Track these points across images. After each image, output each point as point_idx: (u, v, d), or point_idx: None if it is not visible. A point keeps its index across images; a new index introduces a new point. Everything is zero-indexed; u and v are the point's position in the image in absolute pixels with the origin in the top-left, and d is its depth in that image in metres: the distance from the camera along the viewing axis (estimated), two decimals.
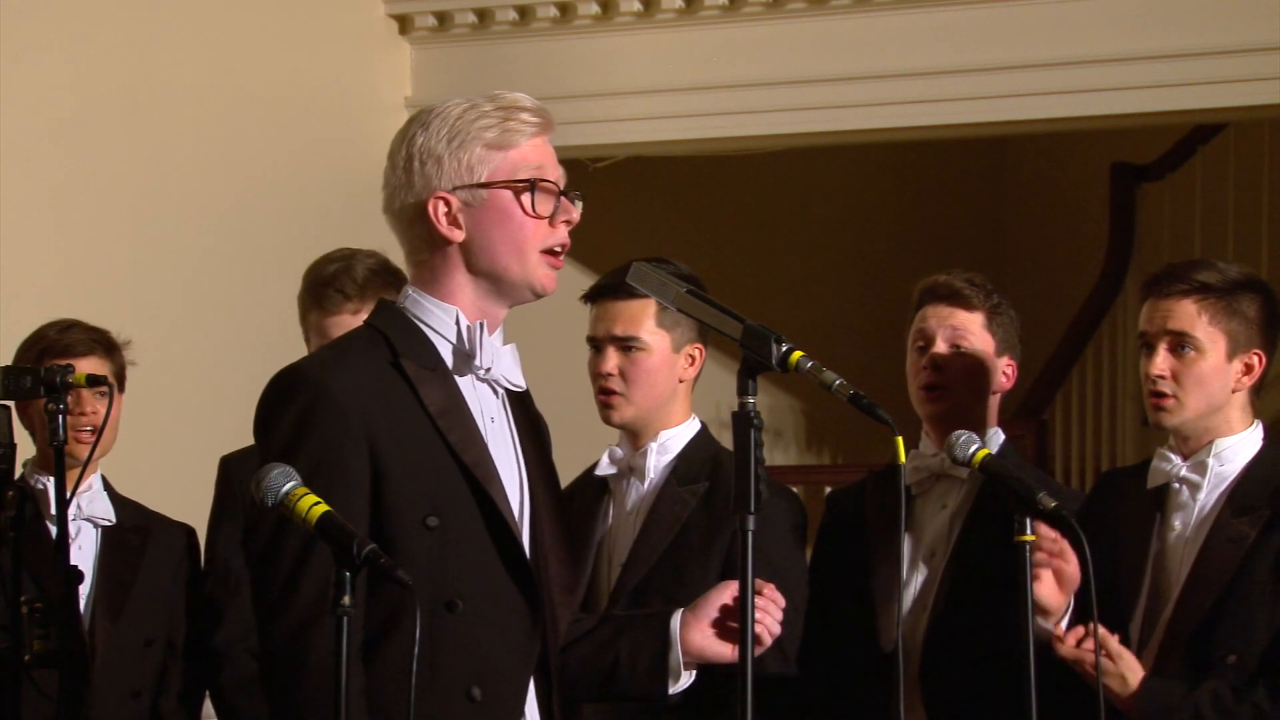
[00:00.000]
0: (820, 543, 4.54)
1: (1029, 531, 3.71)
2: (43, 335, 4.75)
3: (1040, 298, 9.47)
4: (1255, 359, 4.10)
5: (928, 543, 4.33)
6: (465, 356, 3.21)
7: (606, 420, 4.34)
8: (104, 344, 4.77)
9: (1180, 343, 4.08)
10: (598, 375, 4.31)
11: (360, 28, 7.50)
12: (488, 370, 3.23)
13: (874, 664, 4.21)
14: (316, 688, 2.98)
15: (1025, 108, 6.96)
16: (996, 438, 4.38)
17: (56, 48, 6.43)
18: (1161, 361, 4.09)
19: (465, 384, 3.22)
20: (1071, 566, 3.91)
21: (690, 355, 4.33)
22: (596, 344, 4.33)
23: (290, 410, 3.12)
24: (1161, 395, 4.10)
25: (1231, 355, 4.09)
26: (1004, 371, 4.40)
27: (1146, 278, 4.22)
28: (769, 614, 3.26)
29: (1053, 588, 3.94)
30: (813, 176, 9.41)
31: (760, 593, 3.23)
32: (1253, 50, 6.53)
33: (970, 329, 4.36)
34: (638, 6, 7.33)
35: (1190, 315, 4.07)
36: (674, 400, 4.33)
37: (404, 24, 7.61)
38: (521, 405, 3.33)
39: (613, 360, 4.29)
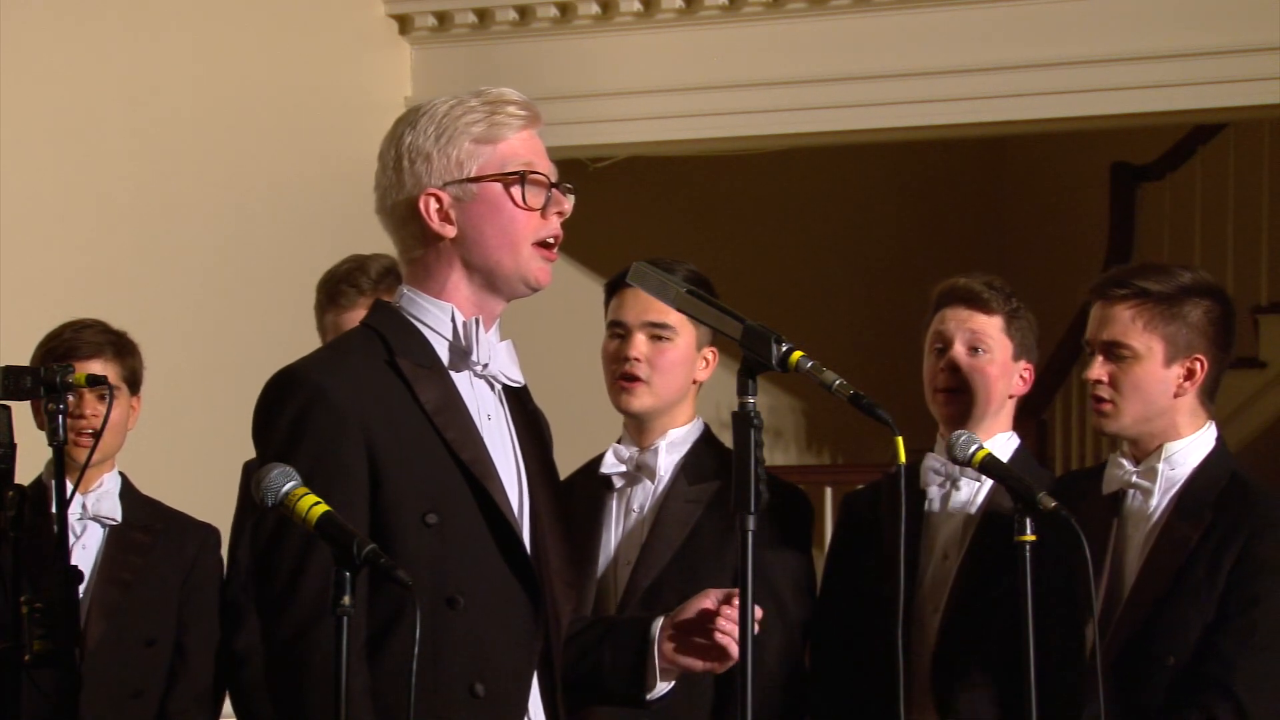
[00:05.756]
0: (836, 545, 4.54)
1: (1029, 531, 3.71)
2: (56, 334, 4.73)
3: (1040, 298, 9.42)
4: (1197, 364, 4.08)
5: (941, 545, 4.32)
6: (462, 353, 3.21)
7: (624, 407, 4.30)
8: (115, 346, 4.73)
9: (1116, 349, 4.08)
10: (622, 359, 4.27)
11: (360, 28, 7.49)
12: (485, 366, 3.23)
13: (888, 666, 4.20)
14: (319, 687, 2.98)
15: (1025, 108, 6.95)
16: (1012, 441, 4.38)
17: (56, 48, 6.43)
18: (1098, 367, 4.09)
19: (462, 381, 3.22)
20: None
21: (705, 357, 4.33)
22: (623, 329, 4.29)
23: (287, 411, 3.12)
24: (1100, 400, 4.10)
25: (1170, 361, 4.07)
26: (1021, 375, 4.39)
27: (1091, 283, 4.21)
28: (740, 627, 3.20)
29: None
30: (813, 176, 9.41)
31: (732, 603, 3.22)
32: (1253, 50, 6.53)
33: (989, 332, 4.34)
34: (638, 6, 7.33)
35: (1124, 322, 4.07)
36: (684, 399, 4.33)
37: (404, 24, 7.61)
38: (519, 401, 3.32)
39: (641, 345, 4.26)
